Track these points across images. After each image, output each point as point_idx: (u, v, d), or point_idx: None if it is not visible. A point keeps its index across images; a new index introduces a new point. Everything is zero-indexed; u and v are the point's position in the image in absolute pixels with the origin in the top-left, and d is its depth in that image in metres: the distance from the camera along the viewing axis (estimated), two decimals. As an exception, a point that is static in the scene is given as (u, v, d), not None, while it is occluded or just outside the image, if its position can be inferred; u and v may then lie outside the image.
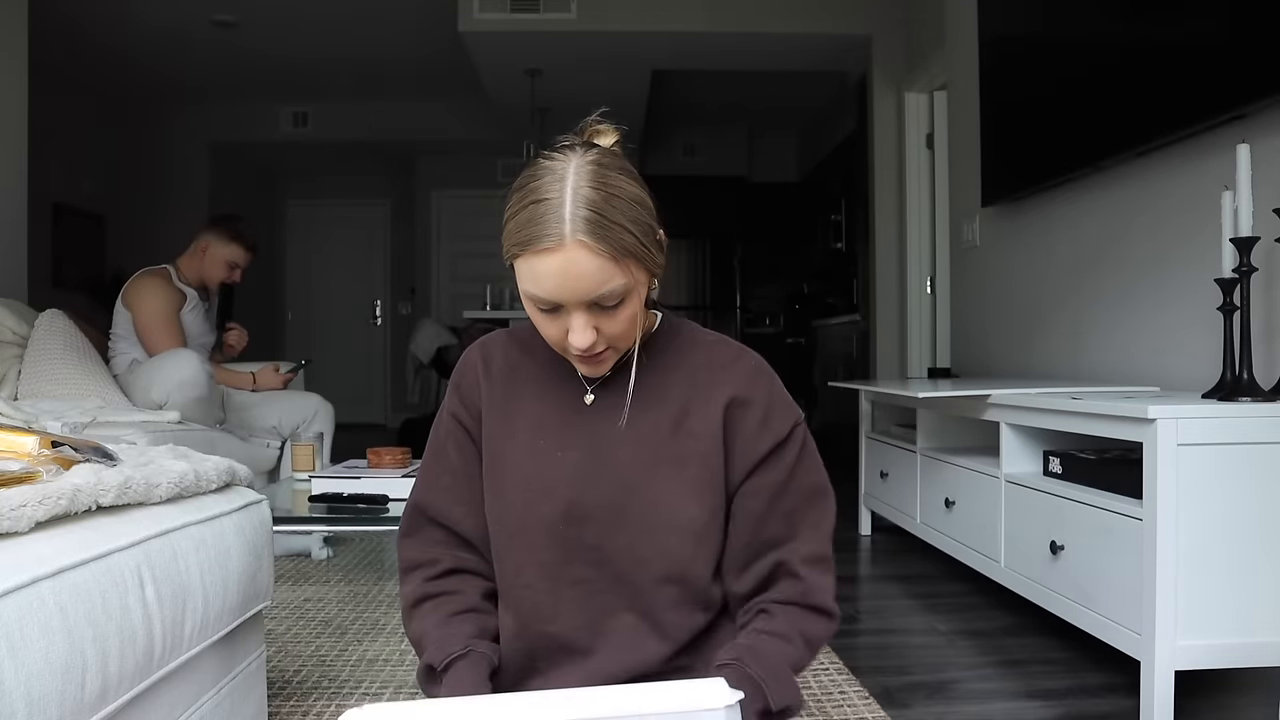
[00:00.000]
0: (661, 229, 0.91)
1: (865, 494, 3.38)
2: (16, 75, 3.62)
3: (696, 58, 5.26)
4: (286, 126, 7.15)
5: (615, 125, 0.94)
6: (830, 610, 0.98)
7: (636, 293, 0.89)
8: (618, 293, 0.86)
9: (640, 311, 0.92)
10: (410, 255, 8.21)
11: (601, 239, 0.83)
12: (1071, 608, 1.88)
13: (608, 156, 0.89)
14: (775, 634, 0.93)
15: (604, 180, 0.85)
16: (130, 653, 0.95)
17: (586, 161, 0.86)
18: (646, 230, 0.87)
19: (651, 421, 0.96)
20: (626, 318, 0.89)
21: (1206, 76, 2.08)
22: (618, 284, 0.85)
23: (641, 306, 0.92)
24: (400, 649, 2.06)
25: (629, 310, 0.89)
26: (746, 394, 0.97)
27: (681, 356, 1.00)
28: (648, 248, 0.88)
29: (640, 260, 0.87)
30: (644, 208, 0.87)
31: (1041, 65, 2.86)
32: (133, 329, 3.07)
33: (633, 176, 0.88)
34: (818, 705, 1.73)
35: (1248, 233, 1.78)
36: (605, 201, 0.84)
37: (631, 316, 0.89)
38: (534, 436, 0.97)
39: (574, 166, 0.85)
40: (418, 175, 8.10)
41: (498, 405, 0.99)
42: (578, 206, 0.83)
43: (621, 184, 0.86)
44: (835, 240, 6.05)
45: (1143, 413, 1.62)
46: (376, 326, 8.41)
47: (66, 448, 1.10)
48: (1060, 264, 2.91)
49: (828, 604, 0.98)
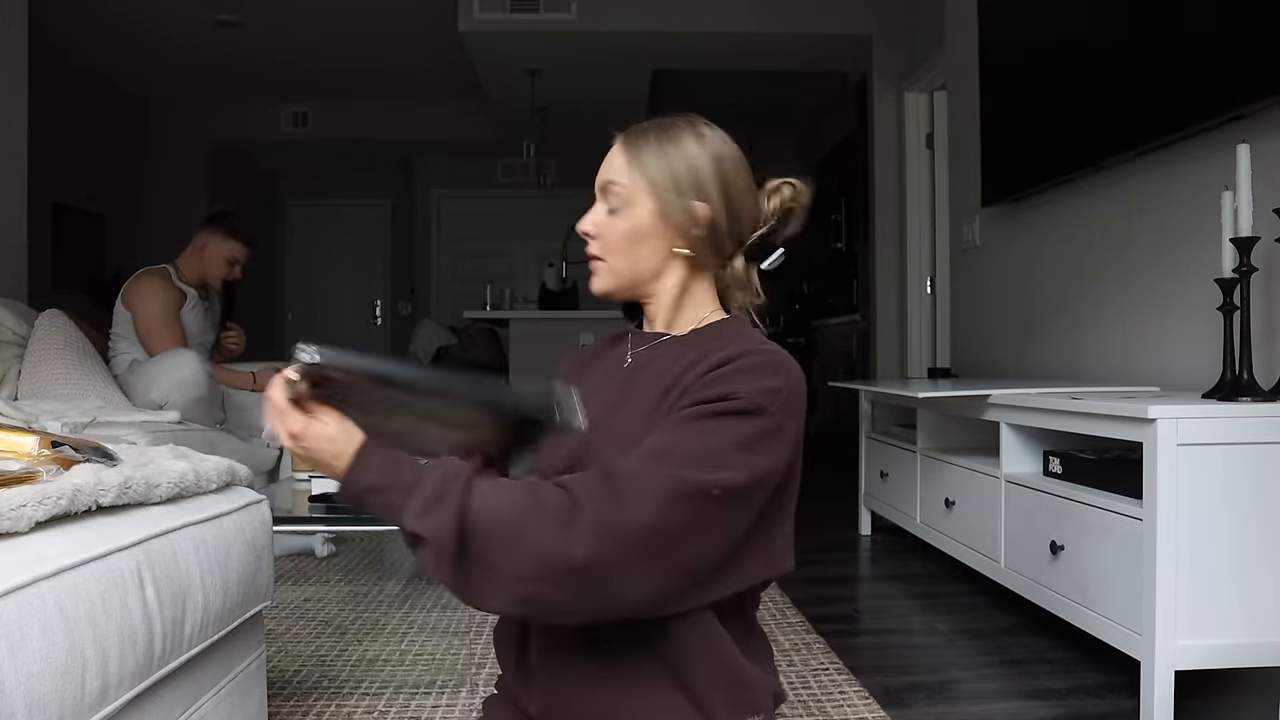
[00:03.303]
0: (715, 218, 1.00)
1: (865, 494, 3.38)
2: (17, 75, 3.62)
3: (696, 58, 5.26)
4: (286, 126, 7.14)
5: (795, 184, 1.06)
6: (577, 498, 0.84)
7: (645, 221, 1.00)
8: (621, 194, 1.01)
9: (655, 253, 1.01)
10: (410, 255, 8.21)
11: (632, 146, 1.01)
12: (1071, 608, 1.88)
13: (704, 127, 1.03)
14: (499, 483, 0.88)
15: (671, 127, 1.02)
16: (130, 653, 0.95)
17: (678, 119, 1.03)
18: (679, 181, 0.99)
19: (639, 388, 0.99)
20: (622, 231, 1.01)
21: (1206, 76, 2.08)
22: (623, 185, 1.01)
23: (660, 251, 1.01)
24: (400, 649, 2.07)
25: (626, 225, 1.01)
26: (718, 358, 0.93)
27: (704, 345, 0.99)
28: (672, 192, 0.99)
29: (657, 194, 0.99)
30: (692, 170, 1.00)
31: (1041, 65, 2.86)
32: (132, 329, 3.07)
33: (707, 146, 1.01)
34: (817, 705, 1.73)
35: (1248, 233, 1.78)
36: (656, 136, 1.01)
37: (626, 234, 1.01)
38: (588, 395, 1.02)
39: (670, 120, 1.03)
40: (418, 175, 8.10)
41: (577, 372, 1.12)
42: (639, 128, 1.03)
43: (686, 141, 1.01)
44: (835, 240, 6.05)
45: (1143, 413, 1.62)
46: (376, 326, 8.41)
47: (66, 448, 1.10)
48: (1060, 264, 2.91)
49: (587, 487, 0.84)
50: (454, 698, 1.76)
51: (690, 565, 0.86)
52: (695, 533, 0.85)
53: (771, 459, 0.89)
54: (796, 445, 0.95)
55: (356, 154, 7.73)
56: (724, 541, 0.88)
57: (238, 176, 7.42)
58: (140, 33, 5.50)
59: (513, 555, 0.81)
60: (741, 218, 1.02)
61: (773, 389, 0.90)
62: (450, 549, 0.81)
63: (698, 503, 0.83)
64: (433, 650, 2.06)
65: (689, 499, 0.83)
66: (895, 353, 4.77)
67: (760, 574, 0.96)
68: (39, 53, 3.92)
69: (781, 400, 0.90)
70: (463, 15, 4.68)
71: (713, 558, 0.88)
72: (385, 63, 6.13)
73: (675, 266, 1.03)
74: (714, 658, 0.94)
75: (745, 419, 0.88)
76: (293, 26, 5.46)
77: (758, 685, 0.98)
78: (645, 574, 0.83)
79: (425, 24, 5.31)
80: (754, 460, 0.87)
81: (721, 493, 0.85)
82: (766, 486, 0.90)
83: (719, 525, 0.86)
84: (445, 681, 1.86)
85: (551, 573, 0.81)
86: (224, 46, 5.75)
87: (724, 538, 0.88)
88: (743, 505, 0.88)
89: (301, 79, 6.49)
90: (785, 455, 0.91)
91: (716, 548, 0.88)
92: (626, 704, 0.93)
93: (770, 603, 2.43)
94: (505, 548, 0.82)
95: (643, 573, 0.83)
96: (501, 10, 4.66)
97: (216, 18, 5.28)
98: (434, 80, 6.50)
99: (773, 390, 0.90)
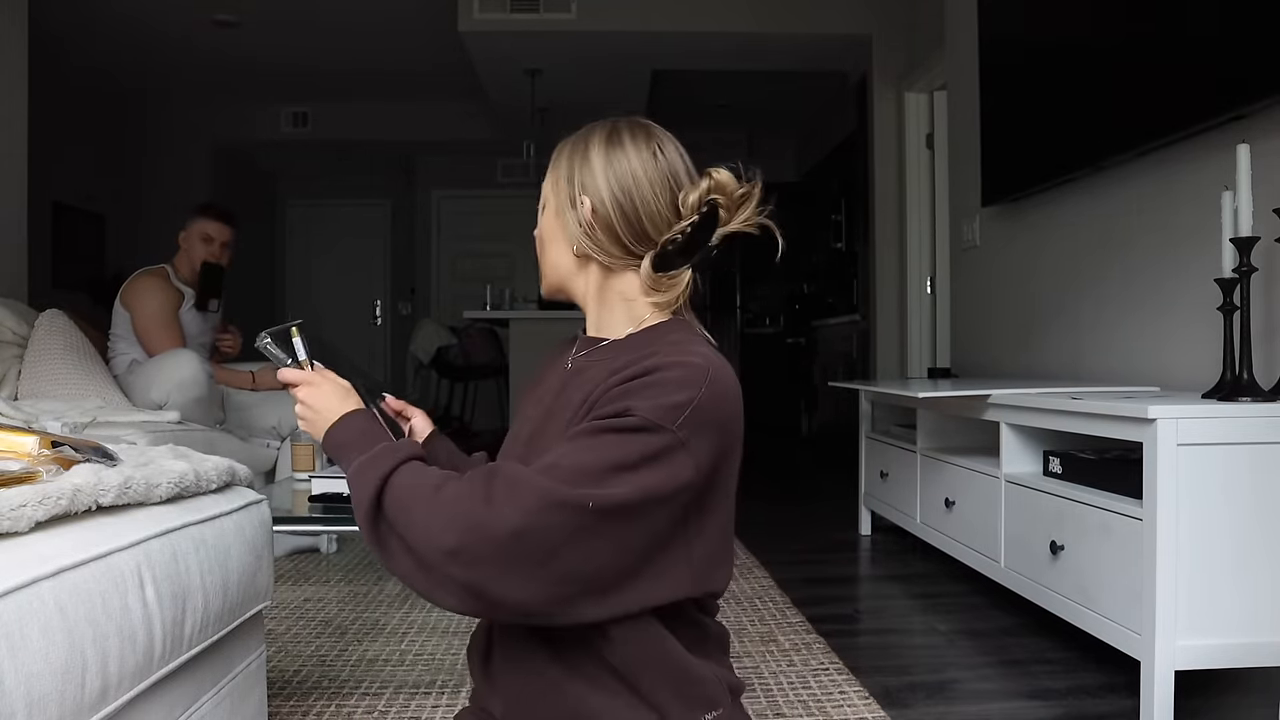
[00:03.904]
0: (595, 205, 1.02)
1: (865, 494, 3.38)
2: (17, 75, 3.62)
3: (696, 58, 5.26)
4: (286, 126, 7.15)
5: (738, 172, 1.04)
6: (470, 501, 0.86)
7: (549, 222, 1.06)
8: (542, 201, 1.09)
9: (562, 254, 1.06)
10: (410, 255, 8.22)
11: (555, 154, 1.08)
12: (1071, 608, 1.88)
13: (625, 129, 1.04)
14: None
15: (589, 131, 1.06)
16: (130, 653, 0.95)
17: (606, 122, 1.06)
18: (571, 181, 1.04)
19: (567, 398, 1.00)
20: (541, 228, 1.09)
21: (1206, 76, 2.08)
22: (542, 193, 1.09)
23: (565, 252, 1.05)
24: (400, 649, 2.07)
25: (540, 229, 1.09)
26: (629, 372, 0.92)
27: (632, 353, 0.97)
28: (565, 193, 1.04)
29: (556, 195, 1.05)
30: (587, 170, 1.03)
31: (1041, 65, 2.86)
32: (131, 329, 3.07)
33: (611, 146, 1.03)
34: (817, 705, 1.73)
35: (1248, 233, 1.78)
36: (573, 142, 1.06)
37: (541, 238, 1.09)
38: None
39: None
40: (418, 175, 8.10)
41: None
42: (568, 138, 1.08)
43: (593, 143, 1.04)
44: (835, 240, 6.05)
45: (1143, 413, 1.62)
46: (376, 326, 8.41)
47: (66, 448, 1.10)
48: (1060, 264, 2.91)
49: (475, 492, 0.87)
50: (454, 698, 1.76)
51: (575, 573, 0.85)
52: (573, 542, 0.84)
53: (663, 476, 0.87)
54: (715, 456, 0.92)
55: (356, 154, 7.73)
56: (619, 553, 0.87)
57: (238, 176, 7.42)
58: (139, 30, 5.50)
59: (406, 531, 0.87)
60: (642, 216, 1.00)
61: (674, 405, 0.88)
62: (366, 511, 0.89)
63: (571, 513, 0.84)
64: (433, 650, 2.06)
65: (560, 509, 0.83)
66: (895, 353, 4.77)
67: (679, 590, 0.93)
68: (38, 50, 3.91)
69: (685, 415, 0.88)
70: (463, 15, 4.68)
71: (605, 567, 0.87)
72: (385, 63, 6.13)
73: (589, 267, 1.05)
74: (657, 658, 0.94)
75: (635, 436, 0.87)
76: (292, 26, 5.46)
77: (709, 681, 0.97)
78: (521, 575, 0.84)
79: (425, 24, 5.31)
80: (640, 479, 0.86)
81: (598, 507, 0.84)
82: (666, 502, 0.88)
83: (605, 537, 0.85)
84: (445, 681, 1.86)
85: (428, 554, 0.85)
86: (223, 46, 5.75)
87: (618, 549, 0.87)
88: (633, 519, 0.87)
89: (301, 79, 6.49)
90: (686, 469, 0.88)
91: (608, 558, 0.87)
92: (585, 704, 0.94)
93: (770, 603, 2.44)
94: (401, 522, 0.87)
95: (518, 573, 0.84)
96: (501, 10, 4.66)
97: (214, 18, 5.28)
98: (434, 80, 6.50)
99: (674, 406, 0.88)
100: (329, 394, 1.04)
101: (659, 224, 1.01)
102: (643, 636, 0.93)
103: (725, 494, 0.96)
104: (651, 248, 1.01)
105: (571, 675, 0.95)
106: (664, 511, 0.89)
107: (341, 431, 1.00)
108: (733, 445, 0.95)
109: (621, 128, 1.04)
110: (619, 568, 0.88)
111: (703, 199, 1.00)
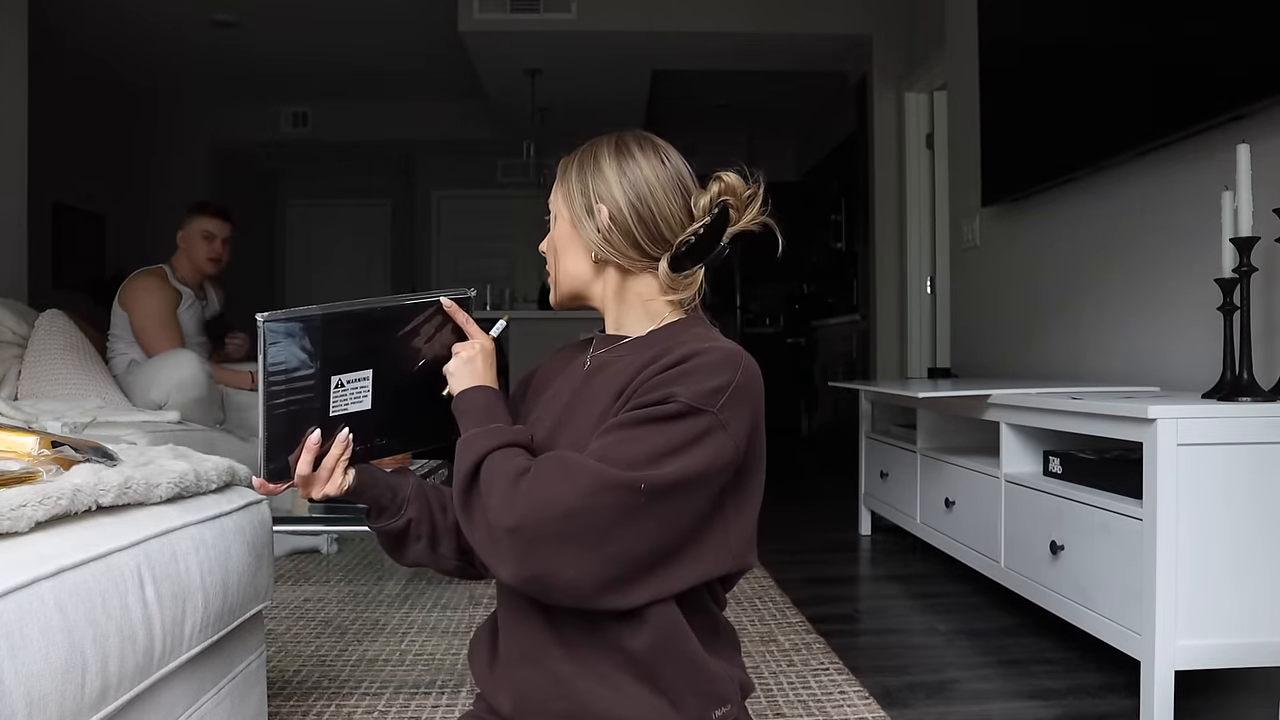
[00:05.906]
0: (612, 211, 1.05)
1: (865, 494, 3.38)
2: (17, 75, 3.62)
3: (696, 58, 5.26)
4: (286, 126, 7.14)
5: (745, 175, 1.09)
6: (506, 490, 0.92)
7: (564, 231, 1.09)
8: (552, 213, 1.12)
9: (578, 261, 1.09)
10: (410, 255, 8.21)
11: (561, 169, 1.11)
12: (1071, 608, 1.88)
13: (633, 140, 1.08)
14: None
15: (597, 144, 1.09)
16: (130, 653, 0.95)
17: (613, 135, 1.10)
18: (585, 190, 1.06)
19: (594, 392, 1.03)
20: (553, 246, 1.11)
21: (1206, 77, 2.08)
22: (553, 206, 1.11)
23: (581, 258, 1.08)
24: (400, 649, 2.07)
25: (554, 240, 1.11)
26: (666, 361, 0.96)
27: (659, 346, 1.01)
28: (579, 202, 1.07)
29: (570, 205, 1.08)
30: (600, 179, 1.06)
31: (1041, 65, 2.86)
32: (130, 329, 3.07)
33: (621, 155, 1.06)
34: (817, 705, 1.73)
35: (1248, 233, 1.78)
36: (580, 156, 1.09)
37: (555, 248, 1.11)
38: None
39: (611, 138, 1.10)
40: (418, 175, 8.10)
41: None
42: (573, 153, 1.11)
43: (602, 154, 1.07)
44: (835, 240, 6.05)
45: (1143, 413, 1.62)
46: (376, 326, 8.40)
47: (66, 448, 1.10)
48: (1060, 264, 2.91)
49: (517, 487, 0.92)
50: (454, 698, 1.76)
51: (626, 554, 0.90)
52: (624, 522, 0.89)
53: (709, 456, 0.93)
54: (750, 436, 0.98)
55: (356, 154, 7.73)
56: (666, 533, 0.92)
57: (238, 176, 7.41)
58: (139, 30, 5.49)
59: (484, 506, 0.92)
60: (658, 219, 1.05)
61: (714, 389, 0.94)
62: (463, 479, 0.95)
63: (623, 494, 0.88)
64: (433, 650, 2.06)
65: (613, 489, 0.88)
66: (895, 353, 4.77)
67: (718, 567, 0.99)
68: (38, 51, 3.91)
69: (725, 398, 0.94)
70: (463, 15, 4.68)
71: (655, 547, 0.92)
72: (385, 63, 6.13)
73: (607, 272, 1.08)
74: (677, 652, 0.97)
75: (680, 421, 0.92)
76: (292, 27, 5.46)
77: (723, 678, 1.01)
78: (574, 554, 0.88)
79: (425, 24, 5.31)
80: (687, 460, 0.91)
81: (650, 488, 0.89)
82: (710, 481, 0.94)
83: (655, 517, 0.90)
84: (445, 681, 1.86)
85: (495, 531, 0.90)
86: (223, 46, 5.75)
87: (665, 529, 0.92)
88: (680, 499, 0.92)
89: (301, 79, 6.49)
90: (728, 449, 0.94)
91: (657, 539, 0.92)
92: (596, 700, 0.97)
93: (770, 603, 2.44)
94: (484, 496, 0.93)
95: (571, 552, 0.88)
96: (501, 10, 4.66)
97: (213, 17, 5.28)
98: (434, 80, 6.50)
99: (714, 390, 0.94)
100: (486, 366, 1.07)
101: (673, 226, 1.06)
102: (664, 629, 0.96)
103: (758, 471, 1.03)
104: (666, 249, 1.06)
105: (582, 671, 0.97)
106: (706, 491, 0.95)
107: (468, 400, 1.04)
108: (760, 425, 1.01)
109: (628, 139, 1.08)
110: (666, 545, 0.94)
111: (714, 201, 1.06)
